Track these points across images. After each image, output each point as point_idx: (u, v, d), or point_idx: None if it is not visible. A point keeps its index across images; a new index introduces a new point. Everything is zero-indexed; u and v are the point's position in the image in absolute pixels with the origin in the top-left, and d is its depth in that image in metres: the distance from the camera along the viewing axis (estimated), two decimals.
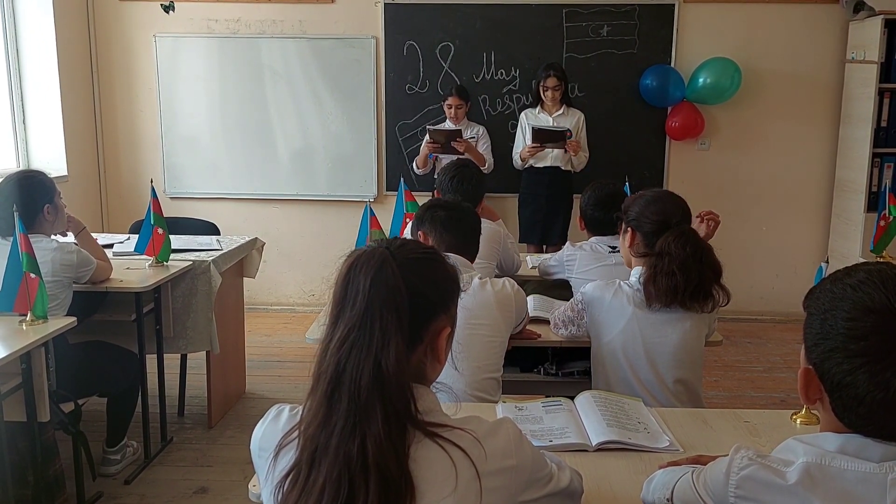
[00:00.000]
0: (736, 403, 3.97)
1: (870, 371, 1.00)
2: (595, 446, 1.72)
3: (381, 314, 1.09)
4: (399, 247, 1.18)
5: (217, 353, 3.61)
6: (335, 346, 1.11)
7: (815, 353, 1.06)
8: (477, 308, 2.19)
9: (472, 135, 4.98)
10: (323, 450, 1.08)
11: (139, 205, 5.27)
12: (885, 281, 1.02)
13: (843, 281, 1.06)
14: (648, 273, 2.19)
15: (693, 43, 5.24)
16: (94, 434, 3.24)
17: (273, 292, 5.66)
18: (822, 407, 1.10)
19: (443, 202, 2.48)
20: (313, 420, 1.10)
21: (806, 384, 1.09)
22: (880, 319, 1.00)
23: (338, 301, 1.14)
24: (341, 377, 1.09)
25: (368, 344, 1.09)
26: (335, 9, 5.35)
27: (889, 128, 4.92)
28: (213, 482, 3.19)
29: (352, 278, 1.13)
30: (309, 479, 1.07)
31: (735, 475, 1.10)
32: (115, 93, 5.55)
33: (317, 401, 1.11)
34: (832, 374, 1.03)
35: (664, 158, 5.39)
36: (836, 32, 5.22)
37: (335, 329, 1.12)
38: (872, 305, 1.00)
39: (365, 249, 1.16)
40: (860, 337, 1.00)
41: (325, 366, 1.11)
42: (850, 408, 1.04)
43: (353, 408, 1.07)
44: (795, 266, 5.40)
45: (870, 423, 1.04)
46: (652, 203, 2.29)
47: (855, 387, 1.01)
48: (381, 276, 1.11)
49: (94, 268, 3.01)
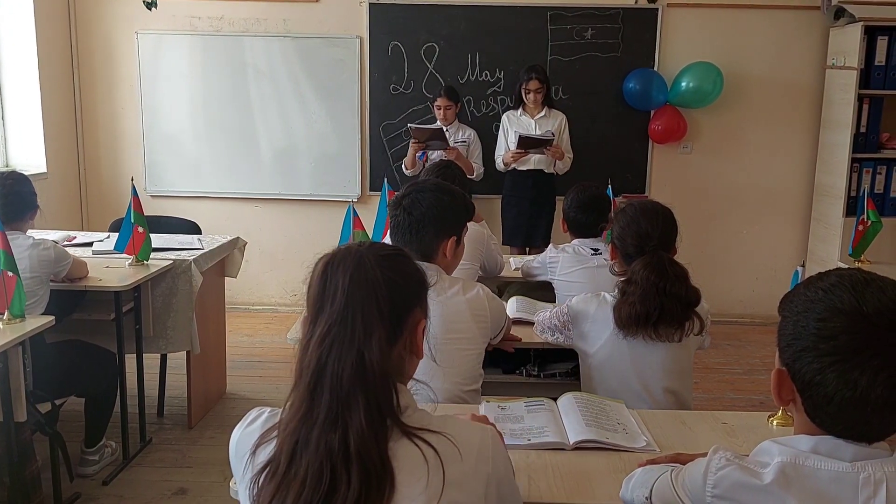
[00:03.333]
0: (715, 405, 4.00)
1: (838, 370, 1.03)
2: (573, 445, 1.74)
3: (362, 308, 1.12)
4: (369, 246, 1.22)
5: (197, 353, 3.58)
6: (316, 343, 1.12)
7: (787, 354, 1.10)
8: (452, 321, 2.11)
9: (462, 138, 4.96)
10: (304, 443, 1.09)
11: (119, 203, 5.24)
12: (856, 285, 1.06)
13: (815, 285, 1.10)
14: (618, 299, 2.19)
15: (676, 47, 5.28)
16: (71, 434, 3.21)
17: (255, 292, 5.63)
18: (795, 408, 1.13)
19: None
20: (295, 415, 1.11)
21: (779, 385, 1.13)
22: (849, 320, 1.04)
23: (316, 299, 1.16)
24: (323, 371, 1.10)
25: (350, 338, 1.11)
26: (320, 8, 5.34)
27: (868, 133, 4.98)
28: (193, 483, 3.17)
29: (329, 276, 1.15)
30: (288, 472, 1.08)
31: (713, 475, 1.12)
32: (96, 90, 5.50)
33: (299, 396, 1.12)
34: (803, 374, 1.07)
35: (647, 162, 5.42)
36: (817, 38, 5.28)
37: (315, 326, 1.14)
38: (842, 307, 1.05)
39: (339, 249, 1.19)
40: (830, 337, 1.04)
41: (306, 361, 1.12)
42: (820, 407, 1.07)
43: (335, 400, 1.09)
44: (775, 269, 5.44)
45: (839, 423, 1.07)
46: (633, 223, 2.26)
47: (825, 385, 1.05)
48: (360, 272, 1.14)
49: (71, 262, 2.99)
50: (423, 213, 2.08)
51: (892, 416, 1.05)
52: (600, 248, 2.95)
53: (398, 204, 2.12)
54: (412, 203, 2.09)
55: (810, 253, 5.42)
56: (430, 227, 2.09)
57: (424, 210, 2.08)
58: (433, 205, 2.09)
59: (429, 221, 2.09)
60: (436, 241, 2.11)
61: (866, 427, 1.06)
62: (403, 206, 2.10)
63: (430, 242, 2.11)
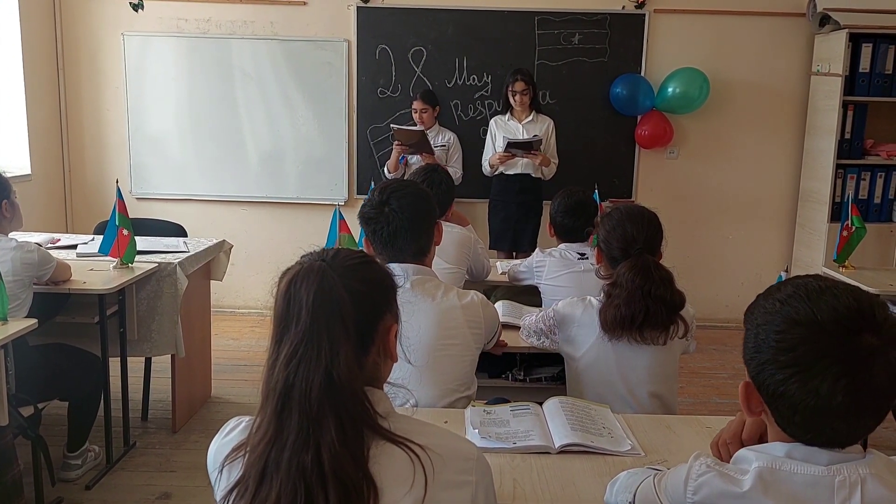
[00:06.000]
0: (701, 410, 4.02)
1: (800, 380, 1.04)
2: (558, 448, 1.75)
3: (327, 326, 1.09)
4: (333, 257, 1.19)
5: (182, 356, 3.56)
6: (283, 363, 1.09)
7: (751, 367, 1.11)
8: (447, 327, 2.09)
9: (443, 142, 4.97)
10: (274, 465, 1.06)
11: (104, 205, 5.19)
12: (811, 294, 1.07)
13: (773, 296, 1.12)
14: (604, 302, 2.20)
15: (663, 53, 5.30)
16: (54, 438, 3.19)
17: (241, 295, 5.61)
18: (767, 419, 1.14)
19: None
20: (263, 438, 1.09)
21: (747, 397, 1.14)
22: (806, 331, 1.05)
23: (280, 318, 1.12)
24: (290, 392, 1.08)
25: (317, 357, 1.08)
26: (307, 11, 5.33)
27: (853, 140, 5.02)
28: (177, 488, 3.14)
29: (293, 294, 1.12)
30: (259, 493, 1.06)
31: (693, 481, 1.14)
32: (81, 91, 5.47)
33: (266, 418, 1.10)
34: (767, 386, 1.08)
35: (633, 166, 5.44)
36: (802, 45, 5.32)
37: (280, 346, 1.11)
38: (798, 318, 1.06)
39: (301, 264, 1.16)
40: (789, 349, 1.05)
41: (273, 383, 1.10)
42: (787, 417, 1.08)
43: (305, 421, 1.07)
44: (760, 274, 5.47)
45: (808, 431, 1.08)
46: (618, 226, 2.27)
47: (789, 396, 1.06)
48: (323, 288, 1.11)
49: (54, 265, 2.97)
50: (410, 215, 2.06)
51: (857, 422, 1.06)
52: (587, 253, 2.96)
53: (378, 218, 2.06)
54: (392, 213, 2.05)
55: (795, 258, 5.46)
56: (421, 224, 2.09)
57: (409, 214, 2.06)
58: (411, 206, 2.07)
59: (419, 220, 2.08)
60: (429, 235, 2.13)
61: (834, 434, 1.07)
62: (386, 213, 2.06)
63: (427, 242, 2.12)
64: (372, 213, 2.07)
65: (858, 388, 1.02)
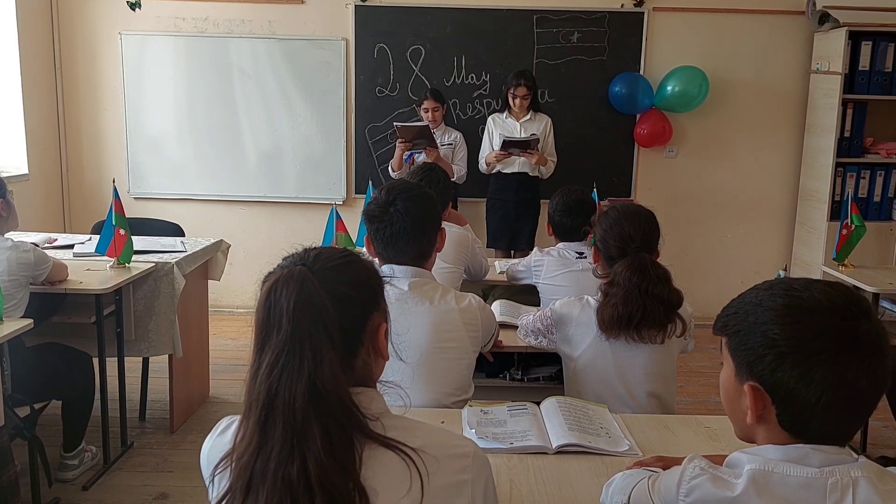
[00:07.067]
0: (700, 409, 4.01)
1: (825, 368, 1.05)
2: (555, 449, 1.74)
3: (309, 334, 1.06)
4: (315, 258, 1.16)
5: (180, 356, 3.55)
6: (265, 373, 1.06)
7: (759, 366, 1.09)
8: (444, 330, 2.07)
9: (449, 141, 4.94)
10: (260, 477, 1.04)
11: (102, 205, 5.19)
12: (809, 286, 1.11)
13: (770, 292, 1.13)
14: (601, 301, 2.19)
15: (662, 51, 5.29)
16: (51, 439, 3.18)
17: (238, 295, 5.58)
18: (762, 424, 1.13)
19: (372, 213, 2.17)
20: (247, 449, 1.06)
21: (755, 401, 1.11)
22: (826, 317, 1.06)
23: (262, 327, 1.09)
24: (274, 402, 1.05)
25: (299, 366, 1.05)
26: (305, 9, 5.32)
27: (852, 138, 5.01)
28: (174, 488, 3.13)
29: (273, 302, 1.09)
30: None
31: (686, 484, 1.13)
32: (78, 90, 5.45)
33: (250, 429, 1.07)
34: (784, 382, 1.07)
35: (632, 165, 5.43)
36: (802, 43, 5.31)
37: (262, 355, 1.08)
38: (814, 307, 1.08)
39: (282, 270, 1.13)
40: (816, 336, 1.06)
41: (255, 393, 1.07)
42: (801, 413, 1.08)
43: (290, 431, 1.04)
44: (760, 273, 5.46)
45: (823, 425, 1.08)
46: (615, 225, 2.27)
47: (810, 387, 1.06)
48: (303, 296, 1.08)
49: (51, 265, 2.96)
50: (413, 218, 2.04)
51: (870, 408, 1.08)
52: (585, 252, 2.94)
53: (382, 217, 2.04)
54: (396, 214, 2.03)
55: (794, 257, 5.45)
56: (424, 228, 2.07)
57: (413, 217, 2.04)
58: (416, 208, 2.06)
59: (422, 223, 2.06)
60: (430, 240, 2.11)
61: (850, 424, 1.09)
62: (390, 213, 2.04)
63: (428, 246, 2.10)
64: (376, 212, 2.06)
65: (875, 370, 1.05)
